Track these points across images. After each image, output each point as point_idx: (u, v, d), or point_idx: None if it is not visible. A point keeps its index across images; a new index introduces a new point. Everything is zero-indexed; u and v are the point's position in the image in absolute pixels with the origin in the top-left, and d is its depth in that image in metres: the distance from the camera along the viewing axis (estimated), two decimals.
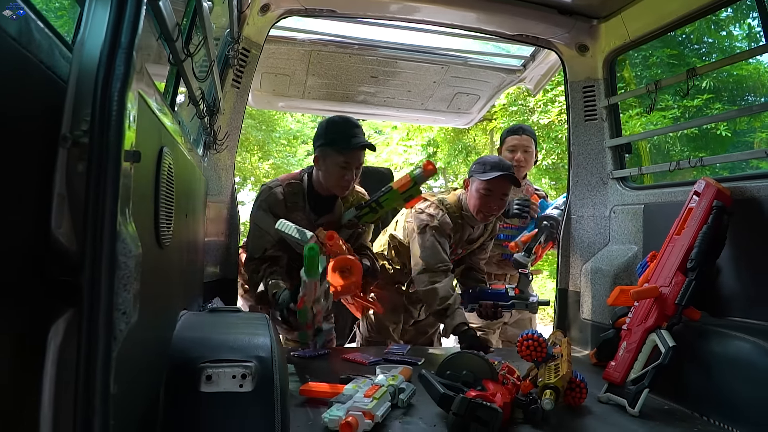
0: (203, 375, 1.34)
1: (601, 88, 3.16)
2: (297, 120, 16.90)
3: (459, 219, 2.89)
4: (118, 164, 0.77)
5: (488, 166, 2.79)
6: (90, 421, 0.76)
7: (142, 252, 1.07)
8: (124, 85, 0.78)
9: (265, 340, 1.48)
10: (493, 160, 2.83)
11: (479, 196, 2.79)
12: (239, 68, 2.85)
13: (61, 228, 0.83)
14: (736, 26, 10.25)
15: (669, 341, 2.09)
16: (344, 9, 2.96)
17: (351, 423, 1.67)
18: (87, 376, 0.76)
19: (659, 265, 2.31)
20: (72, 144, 0.80)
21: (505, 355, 2.73)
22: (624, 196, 3.06)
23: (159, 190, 1.20)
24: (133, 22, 0.82)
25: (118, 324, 0.79)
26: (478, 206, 2.81)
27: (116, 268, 0.78)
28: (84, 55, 0.84)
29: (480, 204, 2.80)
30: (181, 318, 1.64)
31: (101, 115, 0.77)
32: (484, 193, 2.77)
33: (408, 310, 3.12)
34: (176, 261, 1.56)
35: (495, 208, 2.81)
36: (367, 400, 1.82)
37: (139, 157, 0.85)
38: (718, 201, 2.23)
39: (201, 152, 2.56)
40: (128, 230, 0.82)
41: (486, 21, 3.09)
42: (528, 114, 10.72)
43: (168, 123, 1.36)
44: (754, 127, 10.25)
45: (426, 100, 4.23)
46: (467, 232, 2.96)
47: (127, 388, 1.03)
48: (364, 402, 1.81)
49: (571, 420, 1.97)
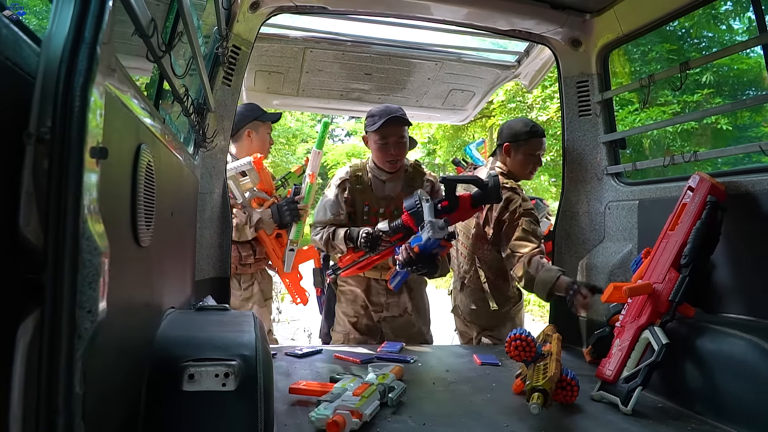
0: (186, 374, 1.33)
1: (594, 83, 3.15)
2: (296, 119, 16.93)
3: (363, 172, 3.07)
4: (80, 161, 0.76)
5: (376, 117, 2.88)
6: (53, 421, 0.75)
7: (118, 250, 1.06)
8: (87, 80, 0.77)
9: (250, 339, 1.47)
10: (379, 110, 2.91)
11: (377, 146, 2.91)
12: (230, 66, 2.84)
13: (30, 226, 0.82)
14: (735, 20, 10.21)
15: (662, 338, 2.07)
16: (335, 5, 2.95)
17: (338, 422, 1.65)
18: (50, 375, 0.75)
19: (653, 261, 2.30)
20: (36, 140, 0.78)
21: (498, 354, 2.72)
22: (619, 191, 3.04)
23: (137, 187, 1.18)
24: (97, 17, 0.80)
25: (83, 322, 0.78)
26: (379, 157, 2.94)
27: (80, 265, 0.76)
28: (51, 51, 0.82)
29: (380, 154, 2.93)
30: (166, 317, 1.63)
31: (63, 111, 0.75)
32: (381, 142, 2.90)
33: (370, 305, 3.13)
34: (159, 259, 1.55)
35: (395, 153, 2.91)
36: (355, 399, 1.81)
37: (106, 154, 0.83)
38: (712, 196, 2.21)
39: (192, 150, 2.54)
40: (94, 228, 0.80)
41: (478, 16, 3.07)
42: (527, 111, 10.71)
43: (148, 120, 1.34)
44: (757, 121, 10.23)
45: (421, 96, 4.21)
46: (378, 187, 3.06)
47: (102, 388, 1.01)
48: (352, 401, 1.80)
49: (563, 418, 1.96)
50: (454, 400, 2.10)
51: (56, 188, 0.75)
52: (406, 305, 3.15)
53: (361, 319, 3.14)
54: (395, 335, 3.10)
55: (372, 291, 3.12)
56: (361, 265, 2.90)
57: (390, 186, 3.05)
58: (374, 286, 3.12)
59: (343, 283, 3.17)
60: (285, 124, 16.74)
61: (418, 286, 3.23)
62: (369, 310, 3.14)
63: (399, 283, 2.86)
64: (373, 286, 3.12)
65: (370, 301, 3.10)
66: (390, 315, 3.13)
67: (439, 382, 2.31)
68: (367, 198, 3.01)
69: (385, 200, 3.00)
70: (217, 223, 2.94)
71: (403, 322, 3.15)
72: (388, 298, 3.11)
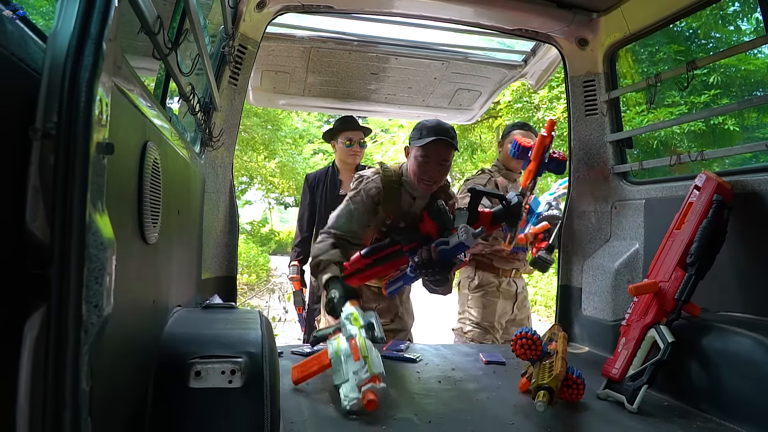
0: (192, 371, 1.34)
1: (601, 83, 3.14)
2: (303, 119, 16.96)
3: (397, 185, 2.68)
4: (86, 156, 0.76)
5: (425, 131, 2.58)
6: (60, 415, 0.75)
7: (125, 247, 1.07)
8: (93, 76, 0.77)
9: (256, 336, 1.47)
10: (430, 124, 2.60)
11: (417, 162, 2.58)
12: (236, 65, 2.85)
13: (36, 221, 0.82)
14: (743, 20, 10.15)
15: (668, 337, 2.07)
16: (341, 5, 2.95)
17: (372, 398, 1.75)
18: (57, 369, 0.76)
19: (659, 260, 2.29)
20: (42, 136, 0.79)
21: (504, 353, 2.72)
22: (625, 191, 3.03)
23: (143, 185, 1.19)
24: (103, 13, 0.81)
25: (89, 317, 0.78)
26: (417, 173, 2.59)
27: (86, 260, 0.77)
28: (56, 47, 0.83)
29: (419, 171, 2.58)
30: (173, 314, 1.64)
31: (68, 107, 0.76)
32: (421, 159, 2.57)
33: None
34: (166, 257, 1.55)
35: (434, 174, 2.59)
36: (362, 366, 1.85)
37: (112, 150, 0.84)
38: (719, 195, 2.20)
39: (198, 149, 2.55)
40: (100, 223, 0.81)
41: (485, 15, 3.07)
42: (533, 111, 10.68)
43: (155, 118, 1.35)
44: (764, 122, 10.17)
45: (427, 96, 4.21)
46: (407, 202, 2.70)
47: (109, 383, 1.02)
48: (363, 370, 1.84)
49: (569, 417, 1.96)
50: (460, 399, 2.10)
51: (62, 183, 0.76)
52: (398, 309, 3.06)
53: None
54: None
55: (363, 298, 2.96)
56: (364, 275, 2.73)
57: (419, 203, 2.71)
58: (366, 294, 3.00)
59: None
60: (292, 124, 16.76)
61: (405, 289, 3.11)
62: None
63: (397, 290, 2.79)
64: (365, 294, 3.00)
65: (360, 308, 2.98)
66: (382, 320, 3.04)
67: (445, 381, 2.31)
68: (392, 211, 2.67)
69: (410, 216, 2.69)
70: (223, 222, 2.95)
71: (394, 327, 3.05)
72: (380, 303, 3.01)
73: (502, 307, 3.54)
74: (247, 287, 11.33)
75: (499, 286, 3.53)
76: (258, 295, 10.58)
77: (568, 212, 3.28)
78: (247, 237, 17.68)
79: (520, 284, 3.65)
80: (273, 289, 10.30)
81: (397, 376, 2.34)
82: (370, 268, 2.69)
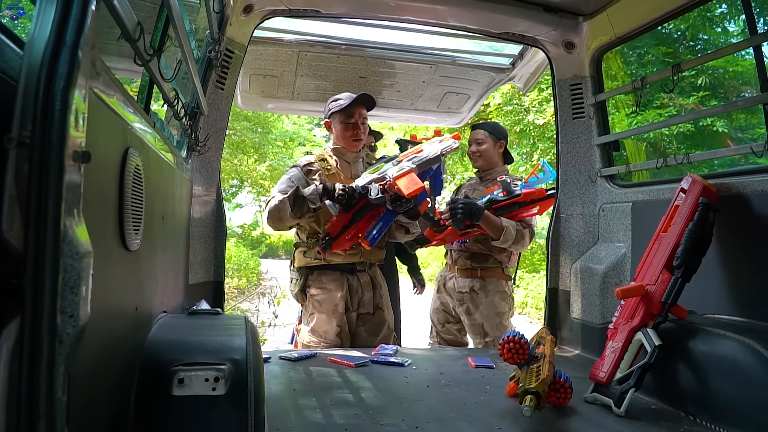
0: (175, 378, 1.32)
1: (588, 86, 3.15)
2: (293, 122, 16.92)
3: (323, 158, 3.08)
4: (61, 165, 0.75)
5: (342, 100, 3.03)
6: (34, 425, 0.74)
7: (105, 255, 1.06)
8: (68, 84, 0.76)
9: (241, 343, 1.46)
10: (345, 95, 3.06)
11: (344, 126, 3.03)
12: (223, 70, 2.84)
13: (12, 230, 0.81)
14: (731, 22, 10.22)
15: (655, 340, 2.07)
16: (328, 9, 2.95)
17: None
18: (31, 379, 0.75)
19: (645, 262, 2.30)
20: (17, 145, 0.78)
21: (493, 356, 2.72)
22: (612, 194, 3.04)
23: (124, 192, 1.18)
24: (79, 20, 0.80)
25: (65, 327, 0.77)
26: (345, 135, 3.04)
27: (60, 270, 0.76)
28: (33, 55, 0.82)
29: (348, 132, 3.03)
30: (157, 321, 1.63)
31: (43, 115, 0.75)
32: (348, 121, 3.02)
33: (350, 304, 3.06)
34: (150, 263, 1.54)
35: (360, 132, 3.04)
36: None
37: (89, 158, 0.83)
38: (704, 198, 2.21)
39: (185, 154, 2.54)
40: (76, 232, 0.80)
41: (471, 19, 3.08)
42: (523, 114, 10.70)
43: (137, 124, 1.34)
44: (752, 123, 10.22)
45: (416, 99, 4.22)
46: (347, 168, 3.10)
47: (90, 391, 1.01)
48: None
49: (556, 420, 1.96)
50: (447, 403, 2.10)
51: (36, 192, 0.75)
52: (378, 301, 3.09)
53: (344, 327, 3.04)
54: (368, 334, 3.06)
55: (353, 288, 3.03)
56: (350, 233, 2.85)
57: (356, 167, 3.13)
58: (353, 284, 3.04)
59: (319, 290, 3.01)
60: (282, 127, 16.73)
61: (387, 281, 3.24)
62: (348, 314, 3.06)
63: (378, 234, 2.83)
64: (353, 285, 3.03)
65: (350, 299, 3.03)
66: (365, 312, 3.07)
67: (433, 385, 2.31)
68: (336, 180, 2.96)
69: (353, 180, 2.97)
70: (211, 227, 2.94)
71: (376, 319, 3.09)
72: (363, 294, 3.05)
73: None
74: (237, 291, 11.28)
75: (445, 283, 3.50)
76: (248, 298, 10.54)
77: (555, 215, 3.29)
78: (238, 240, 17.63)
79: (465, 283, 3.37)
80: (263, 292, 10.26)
81: (385, 380, 2.34)
82: (354, 223, 2.86)
